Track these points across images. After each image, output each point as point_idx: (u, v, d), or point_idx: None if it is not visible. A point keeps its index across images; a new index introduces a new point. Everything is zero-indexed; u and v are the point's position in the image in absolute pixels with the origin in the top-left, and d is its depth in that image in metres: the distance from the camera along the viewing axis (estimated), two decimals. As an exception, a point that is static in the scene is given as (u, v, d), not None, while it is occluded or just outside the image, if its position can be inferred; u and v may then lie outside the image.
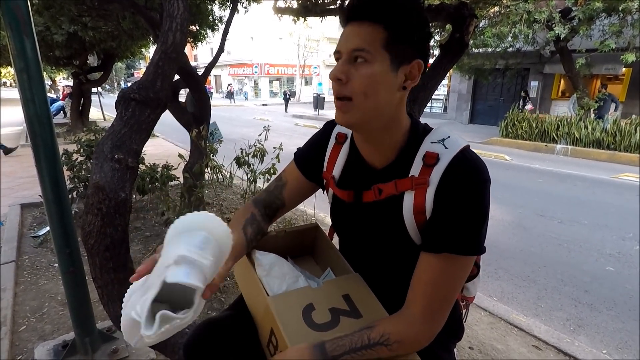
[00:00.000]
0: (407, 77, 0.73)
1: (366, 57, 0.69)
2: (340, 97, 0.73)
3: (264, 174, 3.25)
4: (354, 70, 0.71)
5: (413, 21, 0.70)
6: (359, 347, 0.68)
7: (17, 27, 1.25)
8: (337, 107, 0.75)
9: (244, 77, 30.78)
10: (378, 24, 0.69)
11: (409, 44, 0.71)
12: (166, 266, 0.57)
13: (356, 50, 0.70)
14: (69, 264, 1.54)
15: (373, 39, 0.69)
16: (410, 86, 0.74)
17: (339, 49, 0.73)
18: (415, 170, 0.74)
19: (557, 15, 7.58)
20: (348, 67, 0.71)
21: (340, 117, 0.75)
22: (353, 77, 0.71)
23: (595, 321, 2.43)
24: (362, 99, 0.71)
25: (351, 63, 0.71)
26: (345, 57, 0.72)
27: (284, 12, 3.47)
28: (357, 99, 0.71)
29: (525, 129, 9.70)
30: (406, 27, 0.70)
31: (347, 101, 0.73)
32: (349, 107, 0.73)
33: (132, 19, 4.23)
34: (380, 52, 0.69)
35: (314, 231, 1.06)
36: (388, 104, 0.73)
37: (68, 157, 3.37)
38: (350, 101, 0.72)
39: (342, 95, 0.73)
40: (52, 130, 1.39)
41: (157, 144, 8.49)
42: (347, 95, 0.72)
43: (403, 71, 0.72)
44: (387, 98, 0.72)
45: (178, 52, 1.48)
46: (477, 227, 0.70)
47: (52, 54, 7.14)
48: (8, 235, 3.12)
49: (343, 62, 0.72)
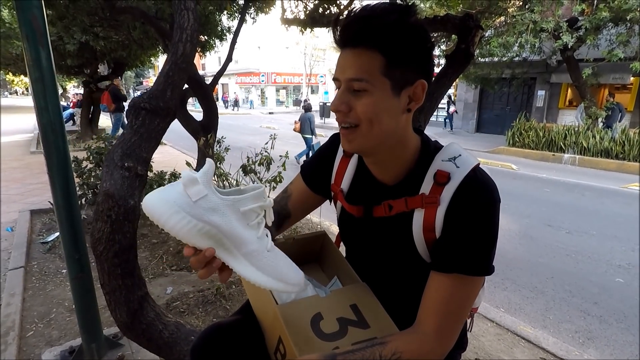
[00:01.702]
0: (410, 99, 0.71)
1: (365, 86, 0.67)
2: (345, 125, 0.72)
3: (270, 182, 3.27)
4: (354, 100, 0.69)
5: (410, 42, 0.67)
6: None
7: (33, 37, 1.29)
8: (342, 134, 0.75)
9: (251, 85, 31.07)
10: (374, 49, 0.66)
11: (409, 65, 0.68)
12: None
13: (354, 80, 0.68)
14: (78, 270, 1.56)
15: (370, 67, 0.67)
16: (414, 107, 0.72)
17: (337, 77, 0.71)
18: (426, 188, 0.74)
19: (564, 24, 7.59)
20: (348, 97, 0.70)
21: (347, 145, 0.75)
22: (355, 107, 0.69)
23: (605, 334, 2.39)
24: (367, 126, 0.70)
25: (351, 93, 0.70)
26: (344, 87, 0.70)
27: (292, 22, 3.52)
28: (362, 127, 0.70)
29: (532, 138, 9.65)
30: (404, 49, 0.67)
31: (352, 128, 0.72)
32: (355, 134, 0.72)
33: (142, 28, 4.31)
34: (379, 79, 0.67)
35: (321, 239, 1.06)
36: (394, 128, 0.72)
37: (78, 164, 3.42)
38: (356, 128, 0.71)
39: (346, 124, 0.72)
40: (64, 138, 1.42)
41: (165, 151, 8.57)
42: (352, 124, 0.71)
43: (406, 93, 0.70)
44: (392, 123, 0.71)
45: (188, 62, 1.51)
46: (488, 248, 0.70)
47: (63, 62, 7.27)
48: (17, 240, 3.16)
49: (342, 92, 0.71)
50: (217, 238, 0.63)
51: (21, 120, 14.16)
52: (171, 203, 0.60)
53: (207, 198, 0.60)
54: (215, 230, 0.62)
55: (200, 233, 0.61)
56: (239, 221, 0.64)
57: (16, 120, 14.38)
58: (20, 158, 7.42)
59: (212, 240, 0.63)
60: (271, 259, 0.68)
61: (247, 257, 0.66)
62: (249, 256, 0.66)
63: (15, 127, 12.14)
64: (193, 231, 0.61)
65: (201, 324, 2.13)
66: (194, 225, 0.60)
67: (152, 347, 1.41)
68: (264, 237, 0.68)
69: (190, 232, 0.61)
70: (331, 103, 0.73)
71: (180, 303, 2.33)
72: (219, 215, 0.61)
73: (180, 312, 2.25)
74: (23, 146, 8.82)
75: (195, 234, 0.61)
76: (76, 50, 5.92)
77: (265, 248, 0.68)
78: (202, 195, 0.60)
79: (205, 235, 0.62)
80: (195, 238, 0.62)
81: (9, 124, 12.90)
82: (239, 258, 0.66)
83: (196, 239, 0.62)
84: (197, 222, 0.60)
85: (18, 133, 10.93)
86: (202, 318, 2.20)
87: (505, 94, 13.27)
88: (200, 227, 0.61)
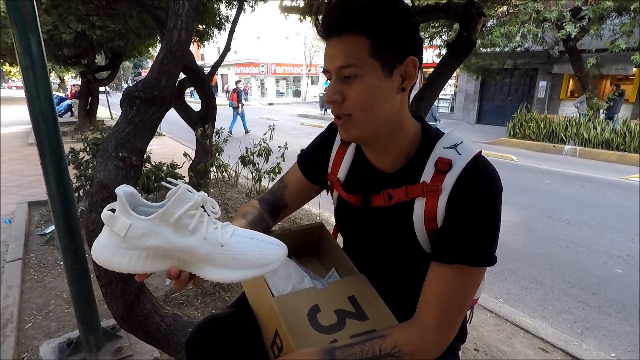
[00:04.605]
0: (403, 77, 0.70)
1: (355, 71, 0.67)
2: (340, 115, 0.72)
3: (269, 173, 3.25)
4: (347, 88, 0.69)
5: (393, 20, 0.67)
6: (369, 358, 0.66)
7: (22, 24, 1.25)
8: (338, 125, 0.74)
9: (250, 76, 30.85)
10: (358, 33, 0.66)
11: (396, 44, 0.67)
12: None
13: (343, 68, 0.67)
14: (74, 262, 1.54)
15: (357, 51, 0.66)
16: (409, 86, 0.71)
17: (327, 68, 0.71)
18: (427, 177, 0.72)
19: (568, 14, 7.49)
20: (341, 86, 0.69)
21: (344, 135, 0.74)
22: (348, 95, 0.69)
23: (604, 324, 2.40)
24: (361, 114, 0.69)
25: (342, 81, 0.69)
26: (335, 76, 0.70)
27: (291, 11, 3.46)
28: (356, 115, 0.70)
29: (533, 129, 9.61)
30: (388, 28, 0.66)
31: (347, 117, 0.71)
32: (350, 123, 0.72)
33: (139, 17, 4.24)
34: (368, 62, 0.67)
35: (318, 230, 1.05)
36: (389, 110, 0.71)
37: (75, 156, 3.40)
38: (350, 117, 0.71)
39: (341, 114, 0.72)
40: (57, 128, 1.39)
41: (163, 142, 8.53)
42: (346, 114, 0.71)
43: (398, 73, 0.69)
44: (387, 105, 0.70)
45: (183, 50, 1.47)
46: (490, 237, 0.69)
47: (60, 52, 7.19)
48: (15, 232, 3.15)
49: (334, 82, 0.70)
50: (167, 255, 0.61)
51: (19, 112, 14.07)
52: (107, 247, 0.59)
53: (133, 227, 0.58)
54: (161, 250, 0.60)
55: (148, 259, 0.59)
56: (176, 233, 0.60)
57: (14, 112, 14.29)
58: (18, 149, 7.40)
59: (165, 260, 0.61)
60: (231, 251, 0.63)
61: (205, 261, 0.62)
62: (206, 259, 0.62)
63: (13, 119, 12.07)
64: (140, 261, 0.59)
65: (200, 315, 2.13)
66: (138, 255, 0.59)
67: (149, 339, 1.40)
68: (214, 233, 0.63)
69: (138, 263, 0.59)
70: (325, 95, 0.72)
71: (179, 295, 2.33)
72: (152, 238, 0.59)
73: (179, 304, 2.24)
74: (21, 137, 8.79)
75: (143, 263, 0.59)
76: (72, 40, 5.85)
77: (219, 244, 0.62)
78: (126, 227, 0.57)
79: (154, 258, 0.60)
80: (147, 266, 0.60)
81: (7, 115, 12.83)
82: (199, 264, 0.63)
83: (149, 266, 0.60)
84: (139, 252, 0.59)
85: (16, 124, 10.87)
86: (200, 309, 2.20)
87: (506, 85, 13.19)
88: (144, 255, 0.59)
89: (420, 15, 2.37)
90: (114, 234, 0.58)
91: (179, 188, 0.60)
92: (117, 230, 0.58)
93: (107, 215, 0.58)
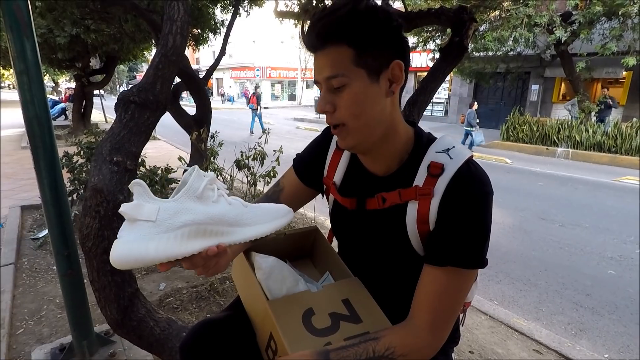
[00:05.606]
0: (390, 81, 0.71)
1: (343, 81, 0.69)
2: (334, 125, 0.74)
3: (264, 177, 3.25)
4: (337, 97, 0.71)
5: (372, 26, 0.68)
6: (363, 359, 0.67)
7: (17, 28, 1.25)
8: (334, 134, 0.76)
9: (245, 80, 30.85)
10: (340, 44, 0.68)
11: (379, 49, 0.69)
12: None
13: (331, 78, 0.69)
14: (67, 267, 1.53)
15: (342, 61, 0.68)
16: (397, 89, 0.73)
17: (317, 79, 0.73)
18: (420, 180, 0.74)
19: (558, 19, 7.59)
20: (331, 96, 0.72)
21: (342, 143, 0.77)
22: (339, 105, 0.71)
23: (597, 325, 2.42)
24: (354, 121, 0.72)
25: (332, 91, 0.71)
26: (325, 87, 0.72)
27: (285, 15, 3.48)
28: (349, 123, 0.72)
29: (526, 132, 9.70)
30: (368, 35, 0.68)
31: (342, 127, 0.73)
32: (345, 132, 0.74)
33: (134, 21, 4.24)
34: (353, 71, 0.68)
35: (313, 234, 1.05)
36: (380, 113, 0.73)
37: (69, 160, 3.37)
38: (345, 126, 0.73)
39: (334, 124, 0.74)
40: (51, 132, 1.39)
41: (158, 146, 8.50)
42: (339, 123, 0.73)
43: (385, 77, 0.70)
44: (377, 109, 0.72)
45: (178, 55, 1.48)
46: (481, 240, 0.70)
47: (54, 56, 7.15)
48: (8, 237, 3.12)
49: (325, 93, 0.72)
50: (200, 231, 0.62)
51: (12, 115, 13.94)
52: (137, 239, 0.56)
53: (162, 209, 0.58)
54: (195, 226, 0.60)
55: (184, 238, 0.59)
56: (204, 205, 0.63)
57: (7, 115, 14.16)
58: (11, 153, 7.33)
59: (198, 237, 0.61)
60: (254, 210, 0.73)
61: (236, 225, 0.68)
62: (237, 222, 0.68)
63: (6, 122, 11.95)
64: (176, 242, 0.58)
65: (194, 320, 2.12)
66: (174, 236, 0.58)
67: (143, 344, 1.40)
68: (234, 201, 0.70)
69: (175, 244, 0.58)
70: (317, 106, 0.74)
71: (174, 299, 2.32)
72: (184, 214, 0.59)
73: (174, 308, 2.23)
74: (14, 141, 8.71)
75: (179, 243, 0.58)
76: (67, 44, 5.84)
77: (243, 206, 0.71)
78: (156, 210, 0.57)
79: (189, 236, 0.60)
80: (183, 246, 0.59)
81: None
82: (231, 231, 0.67)
83: (185, 246, 0.59)
84: (174, 233, 0.58)
85: (9, 128, 10.77)
86: (195, 314, 2.19)
87: (499, 88, 13.31)
88: (180, 234, 0.58)
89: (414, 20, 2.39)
90: (140, 224, 0.56)
91: (194, 169, 0.64)
92: (146, 217, 0.56)
93: (131, 206, 0.56)
